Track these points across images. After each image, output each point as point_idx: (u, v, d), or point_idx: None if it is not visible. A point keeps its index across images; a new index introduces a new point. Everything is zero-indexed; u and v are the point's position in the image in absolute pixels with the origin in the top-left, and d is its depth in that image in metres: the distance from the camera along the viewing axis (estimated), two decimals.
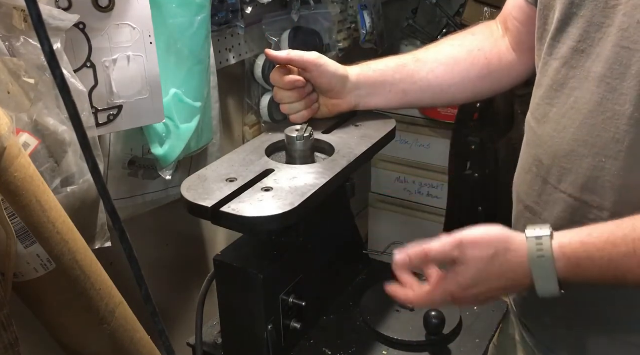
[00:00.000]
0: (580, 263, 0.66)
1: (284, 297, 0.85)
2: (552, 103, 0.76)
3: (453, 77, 0.94)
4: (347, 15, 1.75)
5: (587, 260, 0.66)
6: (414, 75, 0.95)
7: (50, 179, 0.81)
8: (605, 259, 0.65)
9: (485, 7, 1.97)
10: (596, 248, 0.66)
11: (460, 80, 0.95)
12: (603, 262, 0.65)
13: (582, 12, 0.71)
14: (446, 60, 0.95)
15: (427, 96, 0.97)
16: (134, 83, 0.93)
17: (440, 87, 0.95)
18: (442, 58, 0.95)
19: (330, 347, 0.90)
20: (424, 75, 0.95)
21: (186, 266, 1.39)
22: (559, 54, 0.75)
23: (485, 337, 0.91)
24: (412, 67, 0.95)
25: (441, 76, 0.95)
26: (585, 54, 0.71)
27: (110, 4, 0.88)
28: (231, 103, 1.45)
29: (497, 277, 0.70)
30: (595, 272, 0.66)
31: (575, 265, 0.66)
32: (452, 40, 0.98)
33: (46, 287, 0.74)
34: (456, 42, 0.97)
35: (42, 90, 0.78)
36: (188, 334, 0.94)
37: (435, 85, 0.95)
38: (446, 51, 0.96)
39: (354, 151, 0.88)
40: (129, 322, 0.86)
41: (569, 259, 0.66)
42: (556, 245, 0.67)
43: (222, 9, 1.27)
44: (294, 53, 0.93)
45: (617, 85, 0.67)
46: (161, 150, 1.06)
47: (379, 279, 1.03)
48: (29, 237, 0.69)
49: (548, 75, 0.77)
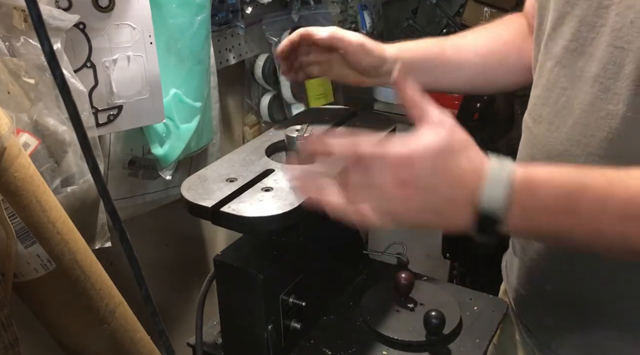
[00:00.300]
0: (538, 182, 0.58)
1: (284, 297, 0.85)
2: (546, 103, 0.76)
3: (487, 67, 0.95)
4: (347, 15, 1.75)
5: (545, 182, 0.58)
6: (450, 63, 0.96)
7: (50, 179, 0.81)
8: (563, 187, 0.57)
9: (485, 7, 1.98)
10: (560, 174, 0.59)
11: (493, 70, 0.96)
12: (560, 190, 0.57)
13: (576, 11, 0.71)
14: (482, 50, 0.96)
15: (460, 82, 0.98)
16: (134, 83, 0.93)
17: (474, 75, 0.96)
18: (479, 47, 0.96)
19: (330, 347, 0.90)
20: (460, 64, 0.96)
21: (186, 266, 1.39)
22: (553, 53, 0.75)
23: (485, 337, 0.91)
24: (449, 55, 0.96)
25: (476, 65, 0.96)
26: (577, 53, 0.71)
27: (110, 4, 0.88)
28: (231, 103, 1.45)
29: (444, 162, 0.58)
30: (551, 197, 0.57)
31: (532, 181, 0.58)
32: (487, 30, 0.99)
33: (46, 287, 0.74)
34: (491, 33, 0.98)
35: (42, 90, 0.78)
36: (188, 334, 0.94)
37: (469, 73, 0.96)
38: (482, 41, 0.97)
39: None
40: (129, 322, 0.87)
41: (527, 172, 0.58)
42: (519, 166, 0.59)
43: (222, 9, 1.27)
44: (339, 33, 0.89)
45: (610, 85, 0.67)
46: (161, 150, 1.06)
47: (379, 279, 1.03)
48: (29, 237, 0.70)
49: (543, 75, 0.77)
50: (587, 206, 0.57)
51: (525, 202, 0.57)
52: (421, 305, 0.95)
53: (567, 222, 0.58)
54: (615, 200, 0.56)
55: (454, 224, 0.59)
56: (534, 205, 0.58)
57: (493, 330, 0.93)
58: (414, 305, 0.95)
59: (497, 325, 0.94)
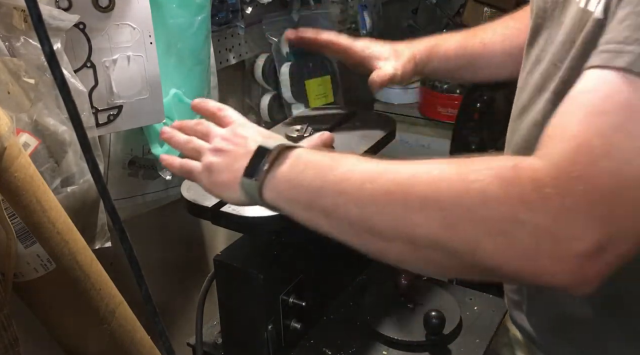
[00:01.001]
0: (297, 162, 0.62)
1: (284, 297, 0.85)
2: (515, 103, 0.80)
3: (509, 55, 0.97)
4: (347, 15, 1.75)
5: (304, 163, 0.62)
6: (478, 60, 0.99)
7: (50, 179, 0.81)
8: (316, 164, 0.61)
9: (485, 7, 1.97)
10: (319, 154, 0.63)
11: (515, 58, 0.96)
12: (314, 162, 0.61)
13: (547, 24, 0.73)
14: (510, 50, 0.97)
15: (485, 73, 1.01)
16: (134, 83, 0.93)
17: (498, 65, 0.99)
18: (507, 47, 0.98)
19: (330, 347, 0.90)
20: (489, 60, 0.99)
21: (186, 266, 1.39)
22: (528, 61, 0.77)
23: (485, 337, 0.91)
24: (478, 51, 0.99)
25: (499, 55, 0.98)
26: (540, 65, 0.73)
27: (110, 4, 0.88)
28: (231, 103, 1.45)
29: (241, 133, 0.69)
30: (299, 169, 0.61)
31: (291, 158, 0.62)
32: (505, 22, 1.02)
33: (46, 287, 0.74)
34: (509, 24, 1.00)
35: (42, 90, 0.78)
36: (188, 334, 0.94)
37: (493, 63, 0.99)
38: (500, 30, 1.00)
39: (354, 151, 0.88)
40: (129, 322, 0.87)
41: (295, 153, 0.63)
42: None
43: (222, 9, 1.27)
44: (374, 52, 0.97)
45: (537, 97, 0.70)
46: (161, 150, 1.06)
47: (379, 279, 1.03)
48: (29, 237, 0.70)
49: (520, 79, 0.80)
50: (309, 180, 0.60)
51: (279, 167, 0.62)
52: (421, 305, 0.95)
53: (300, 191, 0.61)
54: (334, 173, 0.59)
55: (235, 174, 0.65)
56: (284, 171, 0.62)
57: (493, 330, 0.93)
58: (414, 305, 0.95)
59: (497, 325, 0.94)
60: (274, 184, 0.62)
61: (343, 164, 0.59)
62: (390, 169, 0.57)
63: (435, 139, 1.97)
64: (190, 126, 0.75)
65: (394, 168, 0.56)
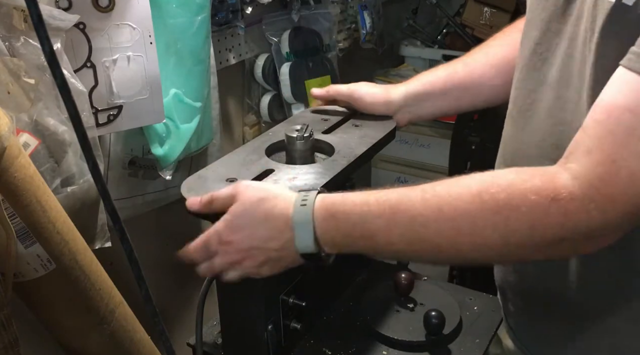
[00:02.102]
0: (336, 215, 0.67)
1: (284, 297, 0.85)
2: (515, 101, 0.78)
3: (505, 78, 0.92)
4: (347, 15, 1.75)
5: (342, 213, 0.66)
6: (465, 82, 0.95)
7: (50, 179, 0.81)
8: (357, 214, 0.66)
9: (485, 7, 1.97)
10: (353, 203, 0.67)
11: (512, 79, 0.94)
12: (355, 217, 0.66)
13: (543, 16, 0.72)
14: (496, 62, 0.94)
15: (480, 99, 0.97)
16: (134, 83, 0.94)
17: (494, 89, 0.95)
18: (492, 60, 0.95)
19: (330, 347, 0.90)
20: (476, 80, 0.94)
21: (186, 266, 1.39)
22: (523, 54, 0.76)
23: (485, 337, 0.91)
24: (462, 74, 0.95)
25: (493, 78, 0.94)
26: (543, 58, 0.72)
27: (110, 4, 0.88)
28: (231, 103, 1.45)
29: (261, 221, 0.69)
30: (349, 226, 0.66)
31: (331, 215, 0.67)
32: (501, 39, 0.97)
33: (46, 287, 0.74)
34: (505, 41, 0.96)
35: (42, 90, 0.78)
36: (188, 334, 0.94)
37: (488, 88, 0.95)
38: (495, 52, 0.95)
39: (354, 151, 0.88)
40: (129, 322, 0.87)
41: (326, 208, 0.67)
42: (319, 197, 0.68)
43: (222, 9, 1.27)
44: (332, 89, 1.00)
45: (563, 93, 0.69)
46: (161, 150, 1.06)
47: (379, 279, 1.03)
48: (29, 237, 0.70)
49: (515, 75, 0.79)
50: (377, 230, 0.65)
51: (332, 232, 0.67)
52: (421, 305, 0.95)
53: (368, 244, 0.67)
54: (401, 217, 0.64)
55: (293, 263, 0.71)
56: (340, 231, 0.67)
57: (493, 330, 0.93)
58: (414, 305, 0.95)
59: (497, 325, 0.94)
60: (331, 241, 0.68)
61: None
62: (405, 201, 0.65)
63: (435, 139, 1.97)
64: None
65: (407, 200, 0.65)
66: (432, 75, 0.97)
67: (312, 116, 1.02)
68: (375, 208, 0.65)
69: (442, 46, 2.08)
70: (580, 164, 0.59)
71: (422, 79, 0.97)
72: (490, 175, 0.63)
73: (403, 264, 1.02)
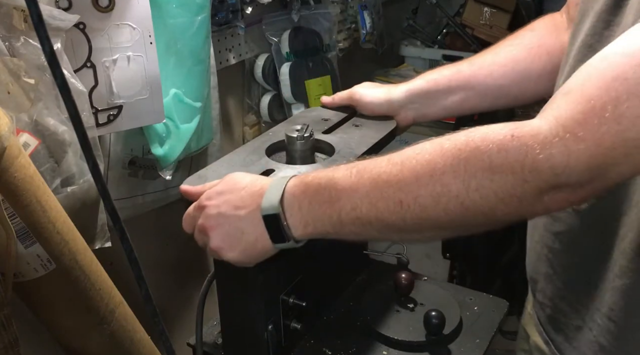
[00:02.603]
0: (305, 179, 0.67)
1: (284, 297, 0.85)
2: None
3: (513, 78, 0.92)
4: (347, 15, 1.75)
5: (312, 177, 0.67)
6: (471, 81, 0.93)
7: (50, 179, 0.81)
8: (325, 177, 0.66)
9: (485, 7, 1.97)
10: (325, 171, 0.67)
11: (520, 80, 0.92)
12: (323, 179, 0.66)
13: (596, 7, 0.71)
14: (504, 61, 0.92)
15: (487, 100, 0.95)
16: (134, 83, 0.94)
17: (500, 89, 0.93)
18: (500, 59, 0.93)
19: (330, 347, 0.90)
20: (482, 79, 0.93)
21: (186, 266, 1.39)
22: (574, 48, 0.74)
23: (485, 337, 0.91)
24: (468, 73, 0.93)
25: (500, 78, 0.92)
26: (592, 49, 0.70)
27: (110, 4, 0.88)
28: (231, 103, 1.45)
29: (238, 189, 0.70)
30: (316, 187, 0.66)
31: (301, 180, 0.67)
32: (510, 40, 0.95)
33: (46, 287, 0.74)
34: (515, 42, 0.94)
35: (42, 90, 0.78)
36: (188, 334, 0.94)
37: (494, 88, 0.93)
38: (504, 52, 0.94)
39: (354, 151, 0.88)
40: (129, 322, 0.87)
41: (301, 177, 0.68)
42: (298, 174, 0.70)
43: (222, 9, 1.27)
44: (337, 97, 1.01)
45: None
46: (161, 150, 1.06)
47: (379, 279, 1.03)
48: (29, 237, 0.70)
49: (566, 69, 0.76)
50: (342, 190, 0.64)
51: (298, 199, 0.66)
52: (421, 305, 0.95)
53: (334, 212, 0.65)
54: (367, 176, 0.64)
55: (258, 237, 0.69)
56: (305, 200, 0.66)
57: (493, 330, 0.93)
58: (414, 305, 0.95)
59: (497, 325, 0.94)
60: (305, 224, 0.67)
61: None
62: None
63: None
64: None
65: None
66: (436, 73, 0.96)
67: (312, 116, 1.02)
68: (343, 170, 0.65)
69: (442, 46, 2.08)
70: (554, 105, 0.56)
71: (426, 77, 0.96)
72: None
73: (403, 264, 1.02)
